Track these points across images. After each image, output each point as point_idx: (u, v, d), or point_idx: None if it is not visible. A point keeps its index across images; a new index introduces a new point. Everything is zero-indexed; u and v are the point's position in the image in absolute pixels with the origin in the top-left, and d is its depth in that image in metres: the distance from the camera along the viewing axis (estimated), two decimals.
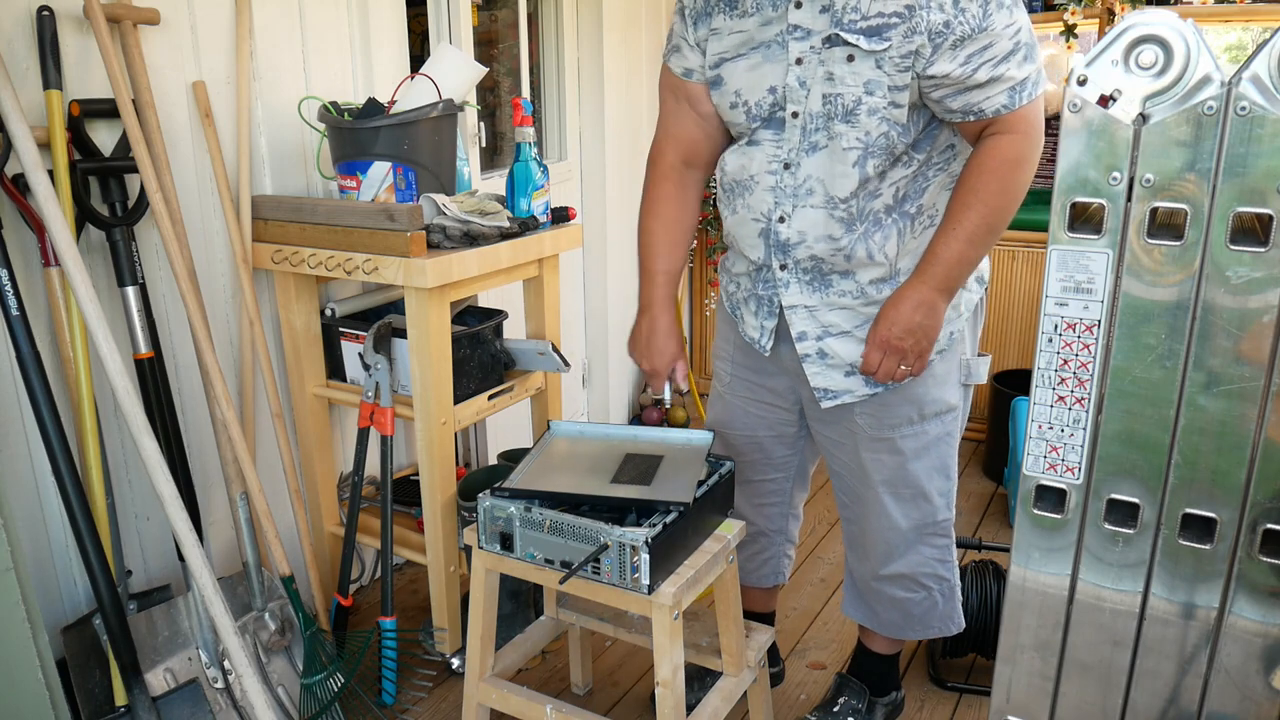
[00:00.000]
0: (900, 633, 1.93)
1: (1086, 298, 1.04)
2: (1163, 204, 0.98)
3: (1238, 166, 0.93)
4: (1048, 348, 1.07)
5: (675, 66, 1.71)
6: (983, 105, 1.49)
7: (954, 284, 1.56)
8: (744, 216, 1.68)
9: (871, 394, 1.69)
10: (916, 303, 1.55)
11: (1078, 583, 1.13)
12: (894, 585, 1.86)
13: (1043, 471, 1.11)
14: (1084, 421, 1.07)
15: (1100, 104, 0.98)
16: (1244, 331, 0.97)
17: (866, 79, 1.49)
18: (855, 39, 1.47)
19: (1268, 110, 0.91)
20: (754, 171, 1.64)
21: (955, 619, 1.90)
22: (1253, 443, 1.00)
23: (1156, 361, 1.02)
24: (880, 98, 1.50)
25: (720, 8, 1.61)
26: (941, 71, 1.46)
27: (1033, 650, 1.18)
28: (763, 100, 1.59)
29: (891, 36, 1.45)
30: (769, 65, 1.57)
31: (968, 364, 1.73)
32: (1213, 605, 1.07)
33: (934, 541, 1.82)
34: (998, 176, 1.52)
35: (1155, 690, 1.13)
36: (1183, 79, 0.94)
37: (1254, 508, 1.01)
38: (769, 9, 1.55)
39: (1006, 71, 1.46)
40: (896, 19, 1.45)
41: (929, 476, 1.76)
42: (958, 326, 1.69)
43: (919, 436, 1.72)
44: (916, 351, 1.57)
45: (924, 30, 1.44)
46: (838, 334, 1.67)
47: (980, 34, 1.44)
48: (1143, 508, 1.07)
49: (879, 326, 1.58)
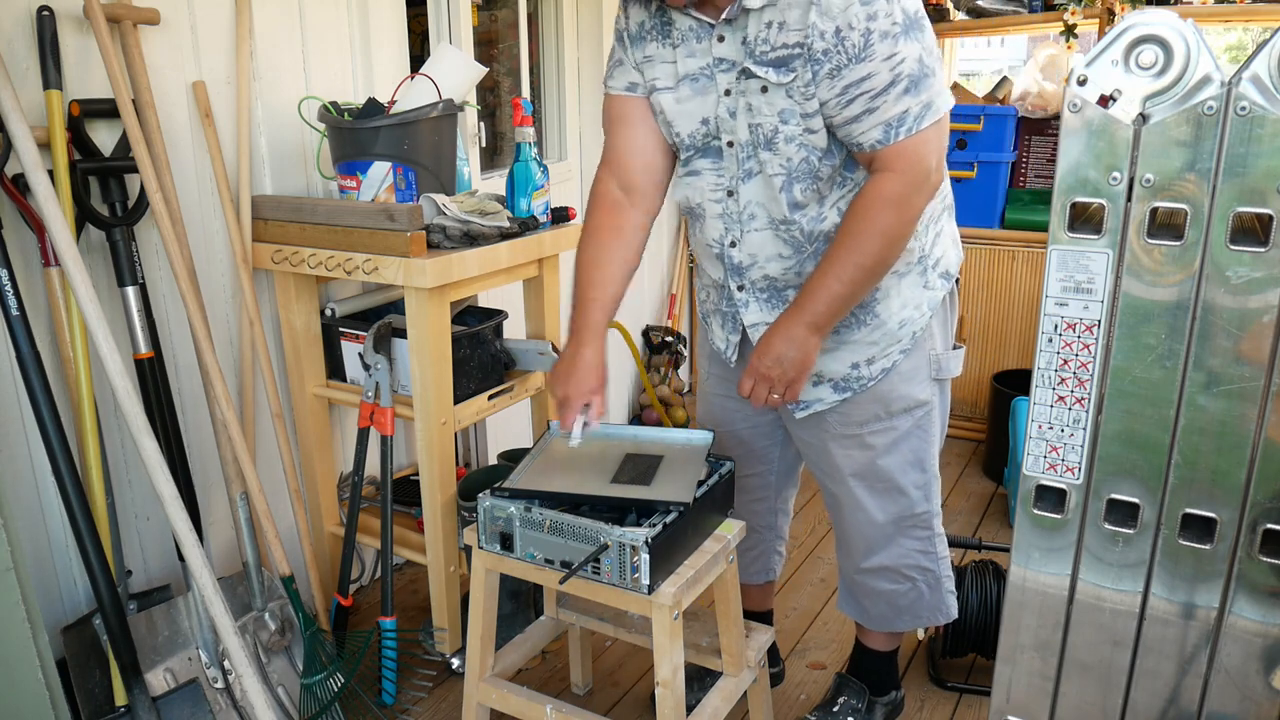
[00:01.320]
0: (890, 625, 1.94)
1: (1086, 298, 1.04)
2: (1163, 204, 0.98)
3: (1238, 166, 0.93)
4: (1048, 348, 1.07)
5: (618, 84, 1.68)
6: (859, 139, 1.48)
7: (825, 321, 1.55)
8: (700, 240, 1.73)
9: (840, 400, 1.71)
10: (786, 337, 1.55)
11: (1078, 583, 1.13)
12: (877, 578, 1.87)
13: (1043, 471, 1.11)
14: (1084, 421, 1.07)
15: (1100, 104, 0.98)
16: (1244, 331, 0.97)
17: (780, 108, 1.51)
18: (764, 71, 1.49)
19: (1268, 110, 0.91)
20: (700, 200, 1.67)
21: (944, 609, 1.91)
22: (1253, 443, 1.00)
23: (1156, 361, 1.02)
24: (795, 126, 1.51)
25: (654, 35, 1.61)
26: (823, 100, 1.47)
27: (1033, 650, 1.18)
28: (695, 131, 1.61)
29: (795, 67, 1.47)
30: (699, 98, 1.58)
31: (938, 359, 1.73)
32: (1213, 605, 1.07)
33: (914, 534, 1.83)
34: (869, 218, 1.49)
35: (1155, 690, 1.13)
36: (1183, 79, 0.94)
37: (1254, 508, 1.01)
38: (694, 41, 1.56)
39: (882, 104, 1.43)
40: (798, 49, 1.45)
41: (902, 470, 1.77)
42: (920, 325, 1.68)
43: (888, 432, 1.73)
44: (785, 381, 1.56)
45: (812, 58, 1.45)
46: None
47: (857, 64, 1.42)
48: (1143, 508, 1.07)
49: (753, 355, 1.59)
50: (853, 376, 1.69)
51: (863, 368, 1.69)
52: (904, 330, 1.67)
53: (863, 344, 1.67)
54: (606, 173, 1.74)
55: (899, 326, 1.66)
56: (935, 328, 1.71)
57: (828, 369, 1.70)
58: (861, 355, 1.68)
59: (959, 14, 3.72)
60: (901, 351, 1.68)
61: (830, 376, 1.70)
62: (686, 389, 4.03)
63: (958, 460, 3.49)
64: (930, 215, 1.66)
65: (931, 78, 1.45)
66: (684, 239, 3.97)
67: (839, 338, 1.67)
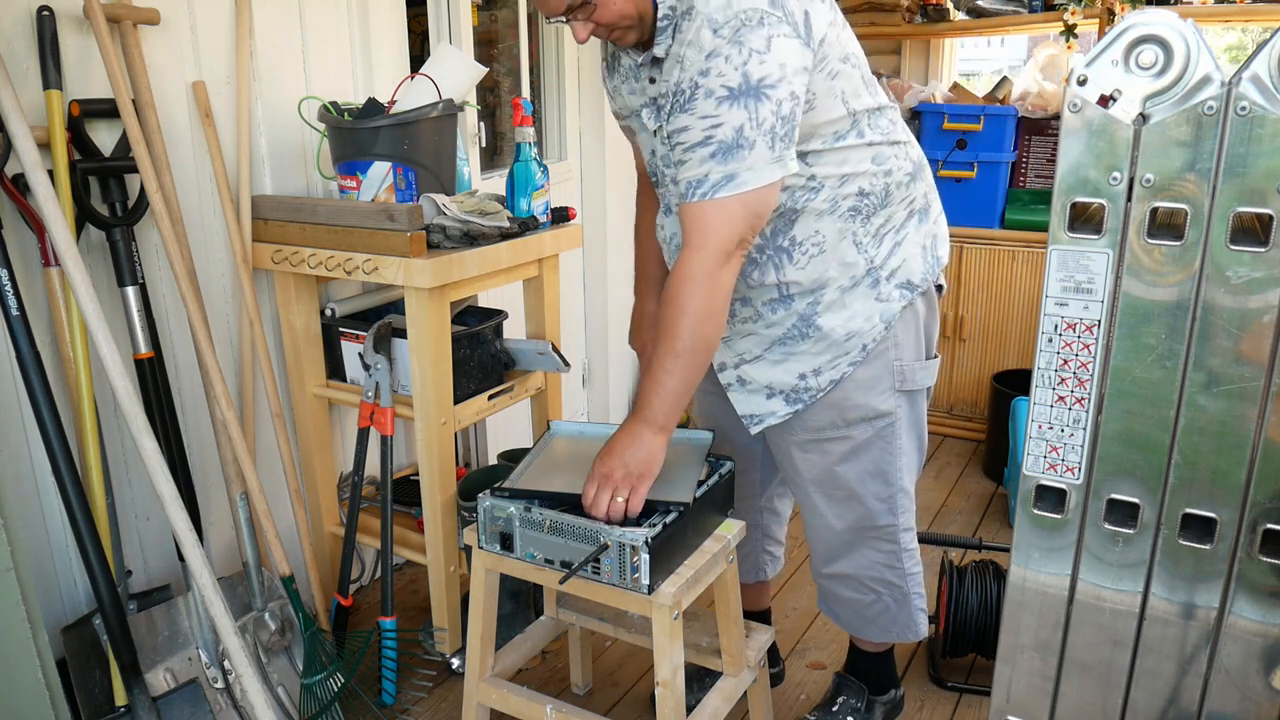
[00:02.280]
0: (861, 632, 1.94)
1: (1086, 298, 1.04)
2: (1163, 204, 0.98)
3: (1238, 166, 0.93)
4: (1048, 348, 1.07)
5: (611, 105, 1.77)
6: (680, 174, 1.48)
7: (665, 417, 1.52)
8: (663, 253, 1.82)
9: (792, 411, 1.72)
10: (631, 436, 1.54)
11: (1078, 583, 1.13)
12: (840, 584, 1.88)
13: (1043, 471, 1.11)
14: (1084, 421, 1.07)
15: (1100, 104, 0.98)
16: (1244, 331, 0.97)
17: (653, 146, 1.64)
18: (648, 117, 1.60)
19: (1268, 110, 0.91)
20: (658, 217, 1.77)
21: (913, 626, 1.88)
22: (1253, 443, 1.00)
23: (1156, 361, 1.02)
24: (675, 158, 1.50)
25: (609, 69, 1.70)
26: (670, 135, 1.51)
27: (1033, 650, 1.18)
28: (649, 162, 1.70)
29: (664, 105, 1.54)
30: (643, 134, 1.66)
31: (903, 370, 1.69)
32: (1213, 605, 1.07)
33: (878, 546, 1.81)
34: (673, 301, 1.47)
35: (1155, 690, 1.13)
36: (1183, 79, 0.94)
37: (1254, 508, 1.01)
38: (634, 80, 1.62)
39: (689, 159, 1.43)
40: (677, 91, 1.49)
41: (860, 480, 1.75)
42: (872, 337, 1.65)
43: (845, 440, 1.72)
44: (628, 482, 1.53)
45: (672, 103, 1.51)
46: (751, 360, 1.73)
47: (680, 113, 1.45)
48: (1143, 508, 1.07)
49: (596, 459, 1.57)
50: (801, 387, 1.70)
51: (810, 378, 1.69)
52: (852, 342, 1.65)
53: (808, 355, 1.67)
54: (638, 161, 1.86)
55: (845, 338, 1.65)
56: (902, 337, 1.67)
57: (777, 380, 1.71)
58: (808, 365, 1.68)
59: (959, 14, 3.72)
60: (851, 363, 1.66)
61: (780, 389, 1.71)
62: None
63: (958, 460, 3.49)
64: (890, 224, 1.63)
65: (746, 150, 1.39)
66: None
67: (785, 349, 1.68)
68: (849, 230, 1.61)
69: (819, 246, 1.61)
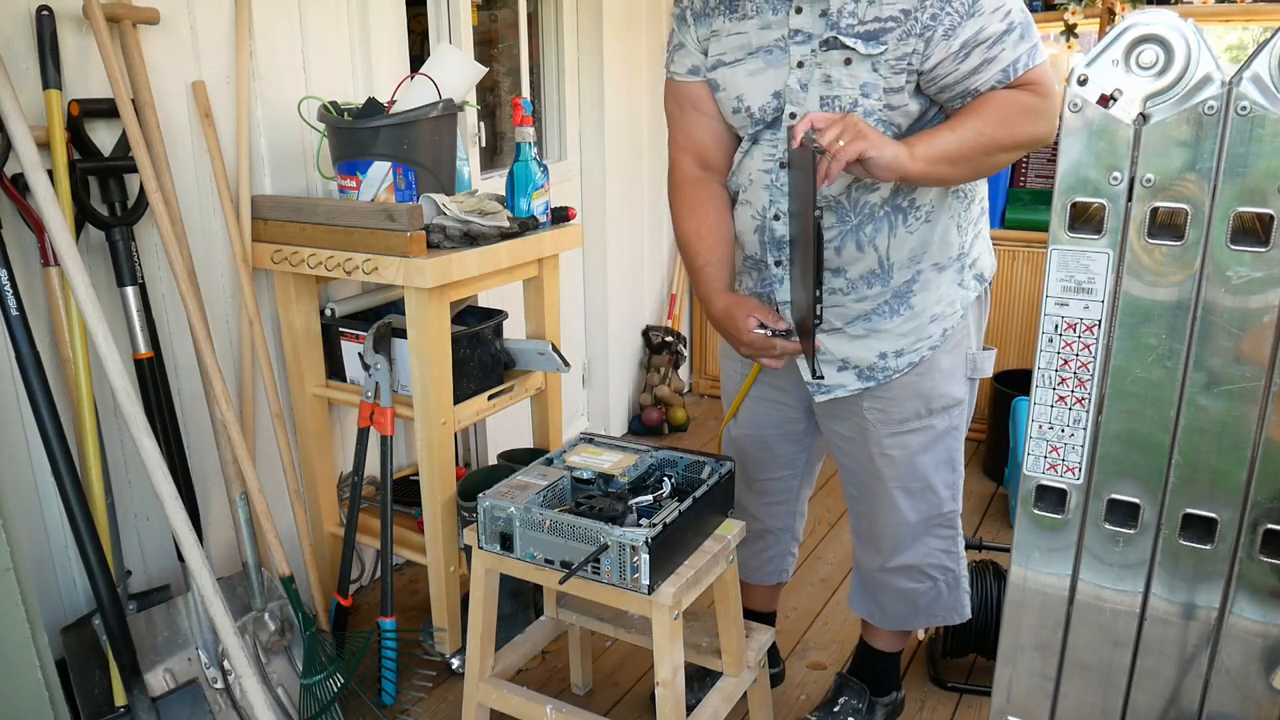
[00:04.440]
0: (906, 623, 1.94)
1: (1087, 298, 1.04)
2: (1163, 204, 0.98)
3: (1238, 166, 0.93)
4: (1048, 348, 1.07)
5: (679, 68, 1.70)
6: (978, 86, 1.50)
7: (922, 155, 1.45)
8: (742, 213, 1.70)
9: (864, 388, 1.71)
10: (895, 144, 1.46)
11: (1078, 583, 1.13)
12: (901, 576, 1.87)
13: (1043, 471, 1.11)
14: (1084, 421, 1.07)
15: (1101, 104, 0.98)
16: (1244, 331, 0.97)
17: (863, 81, 1.51)
18: (852, 42, 1.49)
19: (1268, 110, 0.91)
20: (751, 169, 1.66)
21: (960, 608, 1.92)
22: (1253, 443, 1.00)
23: (1157, 361, 1.02)
24: (875, 100, 1.52)
25: (720, 10, 1.62)
26: (936, 62, 1.48)
27: (1033, 650, 1.18)
28: (766, 105, 1.60)
29: (887, 40, 1.48)
30: (771, 70, 1.58)
31: (973, 359, 1.75)
32: (1213, 605, 1.06)
33: (940, 533, 1.84)
34: (999, 108, 1.48)
35: (1155, 690, 1.12)
36: (1183, 79, 0.94)
37: (1254, 508, 1.01)
38: (769, 13, 1.56)
39: (999, 52, 1.47)
40: (892, 23, 1.47)
41: (936, 470, 1.77)
42: (951, 323, 1.69)
43: (926, 431, 1.74)
44: (854, 131, 1.41)
45: (918, 32, 1.47)
46: (829, 331, 1.69)
47: (969, 20, 1.45)
48: (1143, 508, 1.07)
49: None
50: (879, 366, 1.69)
51: (890, 359, 1.69)
52: (935, 325, 1.68)
53: (892, 334, 1.68)
54: (683, 155, 1.75)
55: (930, 321, 1.67)
56: (971, 327, 1.73)
57: (854, 356, 1.70)
58: (890, 345, 1.68)
59: None
60: (930, 347, 1.68)
61: (855, 363, 1.70)
62: (687, 389, 4.03)
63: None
64: (971, 217, 1.69)
65: (1032, 26, 1.50)
66: None
67: (870, 325, 1.67)
68: (955, 209, 1.65)
69: (928, 217, 1.63)
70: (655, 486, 1.72)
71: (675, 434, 3.78)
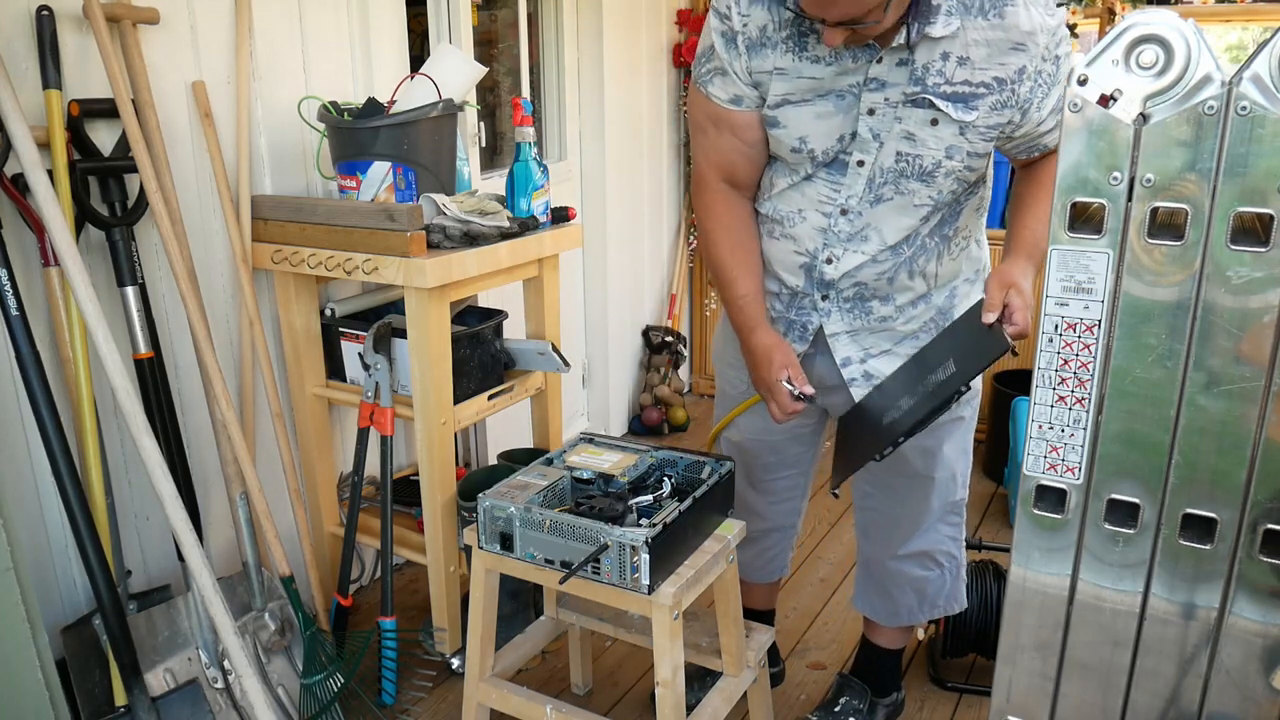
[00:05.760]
0: (913, 616, 1.96)
1: (1087, 298, 1.04)
2: (1163, 204, 0.98)
3: (1238, 166, 0.93)
4: (1048, 348, 1.07)
5: (719, 93, 1.60)
6: (1047, 143, 1.54)
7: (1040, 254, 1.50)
8: (785, 247, 1.68)
9: None
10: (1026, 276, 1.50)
11: (1078, 583, 1.13)
12: (912, 564, 1.90)
13: (1043, 471, 1.11)
14: (1084, 421, 1.07)
15: (1100, 104, 0.97)
16: (1244, 331, 0.97)
17: (949, 144, 1.51)
18: (945, 106, 1.47)
19: (1268, 110, 0.91)
20: (804, 207, 1.63)
21: (960, 597, 1.95)
22: (1253, 443, 1.00)
23: (1157, 361, 1.02)
24: (959, 161, 1.53)
25: (787, 46, 1.51)
26: (1026, 130, 1.51)
27: (1033, 650, 1.18)
28: (830, 148, 1.57)
29: (979, 106, 1.47)
30: (841, 115, 1.53)
31: None
32: (1213, 605, 1.06)
33: (951, 519, 1.88)
34: None
35: (1155, 690, 1.12)
36: (1183, 79, 0.94)
37: (1254, 508, 1.01)
38: (849, 60, 1.50)
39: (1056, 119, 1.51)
40: (984, 90, 1.46)
41: (956, 457, 1.82)
42: None
43: (956, 421, 1.79)
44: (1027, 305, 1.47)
45: (1015, 104, 1.47)
46: (879, 354, 1.72)
47: (1056, 85, 1.49)
48: (1143, 508, 1.07)
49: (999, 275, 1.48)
50: None
51: None
52: None
53: None
54: (713, 172, 1.69)
55: None
56: None
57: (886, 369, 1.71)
58: None
59: None
60: None
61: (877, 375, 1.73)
62: (687, 389, 4.03)
63: None
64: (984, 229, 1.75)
65: None
66: (684, 239, 3.96)
67: (918, 344, 1.69)
68: (979, 226, 1.71)
69: (966, 240, 1.68)
70: (655, 486, 1.72)
71: (675, 434, 3.78)
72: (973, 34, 1.44)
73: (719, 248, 1.70)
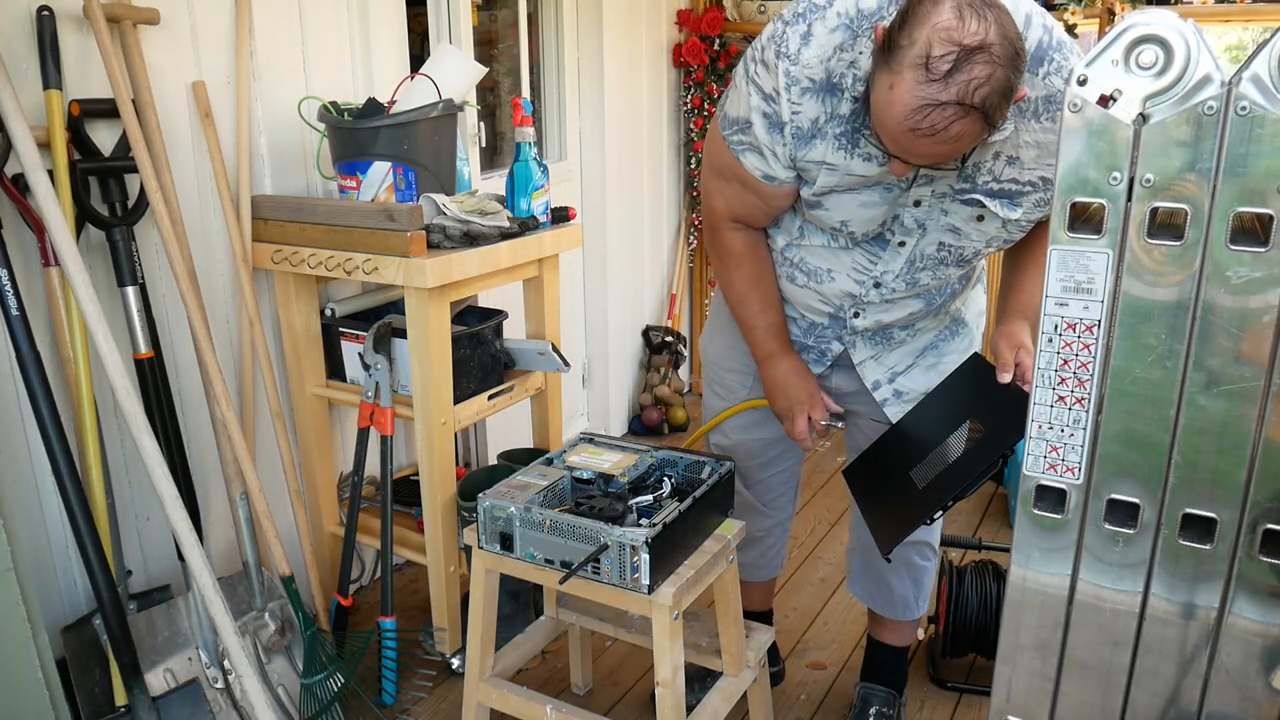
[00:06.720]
0: (910, 608, 1.99)
1: (1087, 298, 1.04)
2: (1163, 204, 0.98)
3: (1238, 166, 0.93)
4: (1048, 348, 1.07)
5: (750, 166, 1.54)
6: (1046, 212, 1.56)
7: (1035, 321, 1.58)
8: (809, 295, 1.70)
9: None
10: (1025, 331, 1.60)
11: (1078, 583, 1.13)
12: (911, 552, 1.94)
13: (1043, 471, 1.11)
14: (1084, 421, 1.07)
15: (1100, 104, 0.98)
16: (1244, 331, 0.97)
17: (990, 236, 1.55)
18: (992, 204, 1.48)
19: (1268, 110, 0.91)
20: (835, 269, 1.64)
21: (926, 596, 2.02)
22: (1253, 443, 1.00)
23: (1157, 361, 1.02)
24: (996, 247, 1.59)
25: (839, 143, 1.46)
26: None
27: (1033, 650, 1.18)
28: (870, 231, 1.57)
29: (1023, 204, 1.49)
30: (885, 205, 1.53)
31: None
32: (1213, 605, 1.06)
33: None
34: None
35: (1155, 690, 1.13)
36: (1183, 79, 0.94)
37: (1254, 508, 1.01)
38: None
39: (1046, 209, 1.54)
40: (1029, 188, 1.48)
41: None
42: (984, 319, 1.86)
43: None
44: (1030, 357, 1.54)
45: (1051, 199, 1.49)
46: (904, 370, 1.77)
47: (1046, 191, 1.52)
48: (1143, 508, 1.07)
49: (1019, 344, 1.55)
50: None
51: None
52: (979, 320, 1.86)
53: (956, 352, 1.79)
54: (728, 215, 1.66)
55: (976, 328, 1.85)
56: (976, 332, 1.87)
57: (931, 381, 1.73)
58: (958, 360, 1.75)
59: None
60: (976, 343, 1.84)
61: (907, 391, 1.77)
62: (687, 389, 4.03)
63: None
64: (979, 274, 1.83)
65: None
66: (684, 239, 3.96)
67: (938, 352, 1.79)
68: None
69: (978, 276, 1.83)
70: (655, 486, 1.72)
71: (675, 434, 3.78)
72: (1025, 135, 1.43)
73: (741, 281, 1.71)
